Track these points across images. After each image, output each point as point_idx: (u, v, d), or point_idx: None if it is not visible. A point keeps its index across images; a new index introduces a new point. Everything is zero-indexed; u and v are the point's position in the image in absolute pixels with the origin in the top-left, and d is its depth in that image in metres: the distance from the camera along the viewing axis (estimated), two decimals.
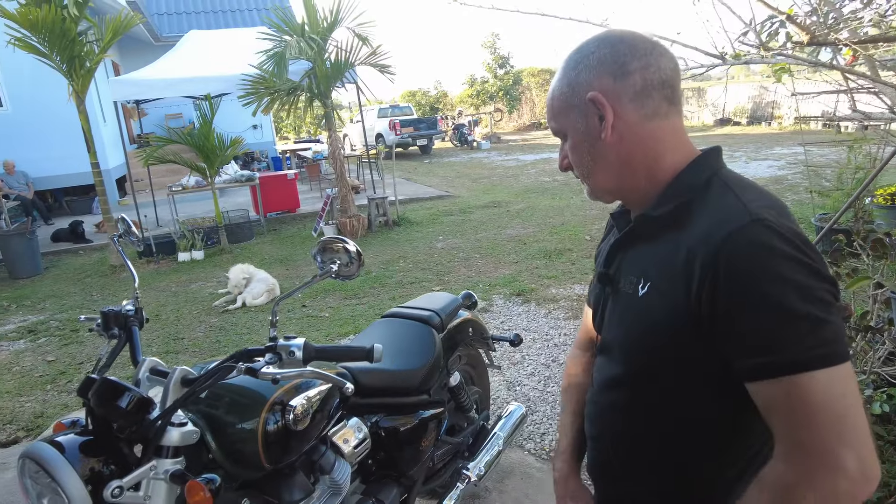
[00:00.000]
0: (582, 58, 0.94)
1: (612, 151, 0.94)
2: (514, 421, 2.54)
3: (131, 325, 1.49)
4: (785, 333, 0.76)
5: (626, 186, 0.98)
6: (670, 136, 0.94)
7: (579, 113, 0.94)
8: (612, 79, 0.91)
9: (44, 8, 6.15)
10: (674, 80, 0.92)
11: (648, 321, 0.91)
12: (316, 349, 1.20)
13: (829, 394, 0.75)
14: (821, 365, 0.75)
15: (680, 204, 0.90)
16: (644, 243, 0.96)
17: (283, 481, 1.47)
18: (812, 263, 0.78)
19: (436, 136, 20.17)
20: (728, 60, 2.85)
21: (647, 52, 0.91)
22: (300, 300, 5.51)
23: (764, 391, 0.79)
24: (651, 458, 0.99)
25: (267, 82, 7.38)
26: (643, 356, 0.94)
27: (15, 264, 7.35)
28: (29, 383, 4.25)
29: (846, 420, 0.75)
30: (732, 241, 0.80)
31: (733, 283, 0.79)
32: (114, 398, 1.15)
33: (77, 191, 11.58)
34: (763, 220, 0.80)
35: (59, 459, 1.07)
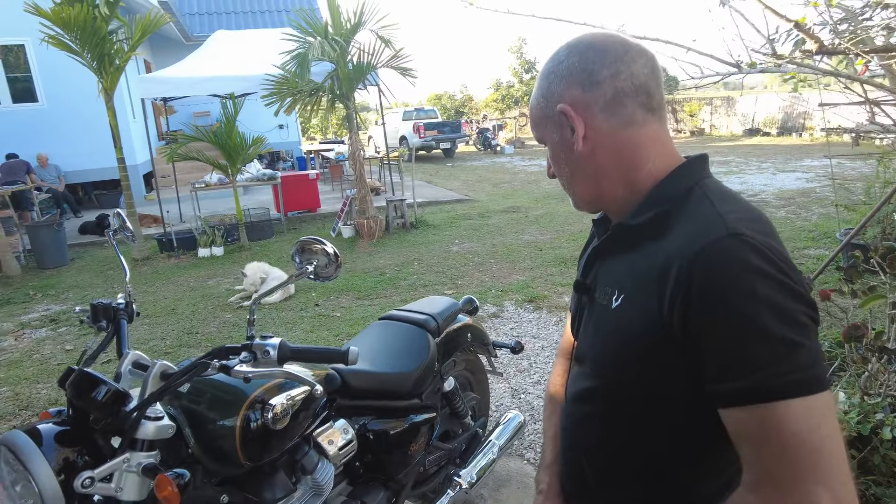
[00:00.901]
0: (553, 67, 0.92)
1: (587, 162, 0.92)
2: (512, 429, 2.51)
3: (120, 318, 1.51)
4: (759, 357, 0.72)
5: (604, 197, 0.95)
6: (648, 144, 0.90)
7: (554, 124, 0.93)
8: (581, 89, 0.88)
9: (76, 7, 6.33)
10: (649, 86, 0.88)
11: (621, 334, 0.88)
12: (291, 349, 1.20)
13: (806, 425, 0.70)
14: (797, 393, 0.70)
15: (658, 213, 0.86)
16: (621, 253, 0.93)
17: (263, 479, 1.47)
18: (790, 283, 0.74)
19: (459, 140, 20.22)
20: (744, 69, 2.79)
21: (617, 58, 0.87)
22: (313, 299, 5.55)
23: (735, 417, 0.75)
24: (623, 471, 0.96)
25: (289, 83, 7.46)
26: (615, 369, 0.91)
27: (43, 255, 7.55)
28: (46, 371, 4.36)
29: (822, 454, 0.70)
30: (706, 255, 0.76)
31: (706, 300, 0.75)
32: (89, 390, 1.16)
33: (106, 185, 11.86)
34: (740, 234, 0.76)
35: (32, 448, 1.09)
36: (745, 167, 12.72)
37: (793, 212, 8.00)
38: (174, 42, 14.31)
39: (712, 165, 0.99)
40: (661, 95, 0.91)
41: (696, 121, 22.92)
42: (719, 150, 16.63)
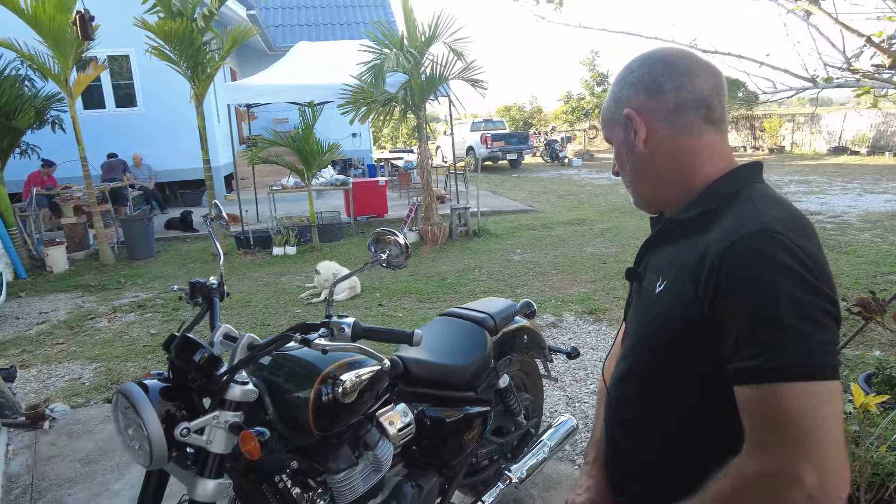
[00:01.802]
0: (626, 75, 1.02)
1: (646, 163, 1.01)
2: (564, 432, 2.56)
3: (213, 296, 1.70)
4: (768, 341, 0.79)
5: (661, 196, 1.04)
6: (704, 151, 0.98)
7: (620, 126, 1.03)
8: (647, 96, 0.98)
9: (177, 21, 6.89)
10: (710, 100, 0.97)
11: (661, 317, 0.97)
12: (364, 328, 1.34)
13: (802, 406, 0.77)
14: (798, 377, 0.77)
15: (707, 210, 0.94)
16: (670, 244, 1.01)
17: (329, 450, 1.62)
18: (811, 280, 0.80)
19: (526, 151, 20.22)
20: (819, 83, 2.75)
21: (683, 72, 0.96)
22: (377, 299, 5.76)
23: (743, 395, 0.83)
24: (656, 449, 1.03)
25: (365, 93, 7.77)
26: (651, 349, 1.00)
27: (134, 246, 8.19)
28: (134, 351, 4.76)
29: (812, 435, 0.76)
30: (737, 247, 0.84)
31: (731, 287, 0.83)
32: (190, 353, 1.34)
33: (190, 184, 12.68)
34: (770, 230, 0.83)
35: (143, 398, 1.27)
36: (827, 187, 12.07)
37: (879, 235, 7.55)
38: (258, 52, 15.15)
39: (791, 185, 1.06)
40: (723, 110, 0.99)
41: (777, 138, 21.89)
42: (800, 169, 15.85)
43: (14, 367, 4.12)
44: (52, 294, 6.62)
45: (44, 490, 2.88)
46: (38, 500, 2.80)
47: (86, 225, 8.63)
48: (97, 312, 5.86)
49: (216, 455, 1.34)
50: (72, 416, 3.64)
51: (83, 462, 3.11)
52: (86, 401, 3.90)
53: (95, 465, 3.09)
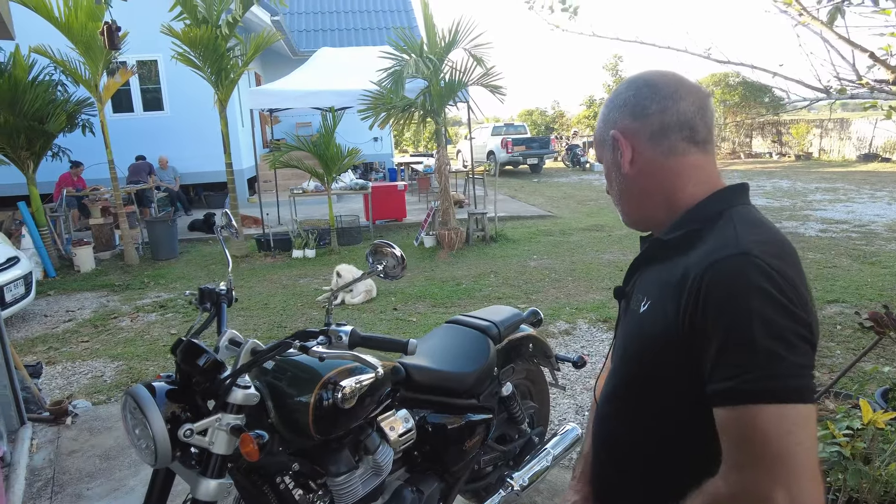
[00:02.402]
0: (614, 97, 1.06)
1: (632, 183, 1.04)
2: (569, 441, 2.57)
3: (221, 301, 1.76)
4: (742, 363, 0.81)
5: (646, 216, 1.07)
6: (689, 172, 1.00)
7: (608, 146, 1.06)
8: (632, 119, 1.01)
9: (202, 27, 7.06)
10: (694, 122, 0.99)
11: (644, 336, 0.99)
12: (361, 336, 1.38)
13: (776, 429, 0.78)
14: (771, 400, 0.79)
15: (689, 231, 0.96)
16: (656, 265, 1.03)
17: (330, 454, 1.66)
18: (785, 303, 0.82)
19: (547, 156, 20.16)
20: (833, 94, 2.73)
21: (667, 95, 0.99)
22: (393, 303, 5.82)
23: (719, 416, 0.84)
24: (639, 467, 1.05)
25: (384, 99, 7.86)
26: (636, 368, 1.02)
27: (157, 247, 8.39)
28: (154, 350, 4.88)
29: (786, 459, 0.77)
30: (715, 268, 0.86)
31: (708, 307, 0.85)
32: (194, 357, 1.40)
33: (214, 187, 12.93)
34: (748, 253, 0.85)
35: (150, 399, 1.33)
36: (854, 195, 11.82)
37: None
38: (283, 57, 15.38)
39: (817, 193, 1.06)
40: (708, 131, 1.01)
41: (804, 144, 21.47)
42: (827, 176, 15.53)
43: (40, 363, 4.27)
44: (78, 293, 6.82)
45: (64, 484, 2.98)
46: (58, 494, 2.91)
47: (112, 226, 8.87)
48: (121, 312, 6.03)
49: (218, 456, 1.40)
50: (93, 413, 3.76)
51: (102, 458, 3.22)
52: (107, 398, 4.03)
53: (113, 461, 3.19)
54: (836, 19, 2.48)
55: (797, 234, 8.33)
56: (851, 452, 2.11)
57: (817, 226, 8.88)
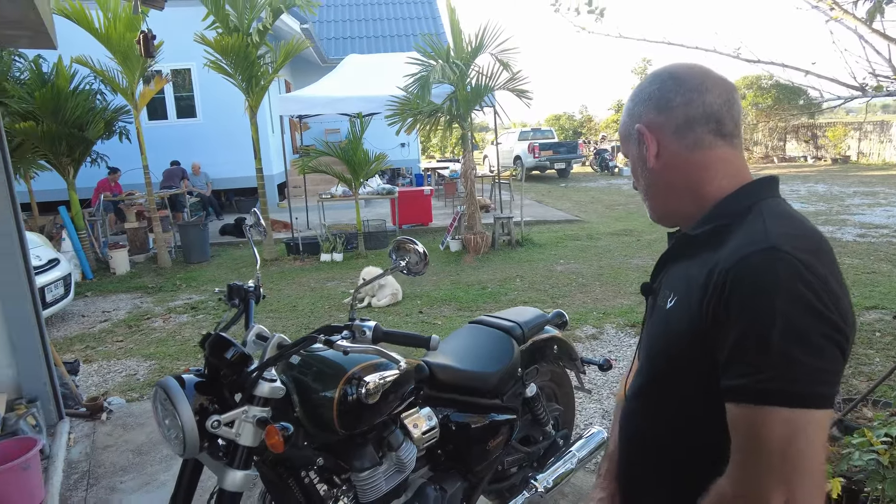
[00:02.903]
0: (638, 92, 1.04)
1: (658, 178, 1.03)
2: (594, 444, 2.54)
3: (249, 298, 1.80)
4: (758, 363, 0.79)
5: (675, 210, 1.05)
6: (716, 165, 0.98)
7: (633, 141, 1.05)
8: (657, 112, 1.00)
9: (234, 36, 7.22)
10: (720, 114, 0.97)
11: (669, 332, 0.97)
12: (384, 332, 1.40)
13: (783, 433, 0.77)
14: (782, 403, 0.77)
15: (718, 226, 0.94)
16: (683, 260, 1.02)
17: (354, 449, 1.68)
18: (813, 301, 0.78)
19: (575, 161, 20.02)
20: (869, 92, 2.66)
21: (692, 88, 0.97)
22: (418, 306, 5.84)
23: (729, 412, 0.83)
24: (664, 465, 1.04)
25: (411, 104, 7.92)
26: (663, 364, 1.00)
27: (190, 250, 8.58)
28: (185, 350, 4.99)
29: (789, 461, 0.77)
30: (742, 263, 0.84)
31: (733, 302, 0.83)
32: (222, 351, 1.44)
33: (245, 192, 13.18)
34: (777, 248, 0.82)
35: (179, 391, 1.37)
36: (895, 199, 11.44)
37: None
38: (312, 64, 15.63)
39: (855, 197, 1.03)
40: (735, 124, 0.99)
41: (841, 147, 20.88)
42: (865, 179, 15.07)
43: (78, 361, 4.41)
44: (114, 294, 7.02)
45: (99, 476, 3.07)
46: (93, 486, 2.99)
47: (146, 229, 9.12)
48: (154, 313, 6.18)
49: (244, 447, 1.43)
50: (127, 410, 3.86)
51: (135, 453, 3.30)
52: (139, 395, 4.13)
53: (146, 456, 3.26)
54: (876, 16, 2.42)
55: (834, 238, 8.09)
56: (890, 461, 2.05)
57: (855, 230, 8.62)
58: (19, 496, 2.69)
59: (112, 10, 7.08)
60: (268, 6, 7.55)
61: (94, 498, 2.91)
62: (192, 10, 7.98)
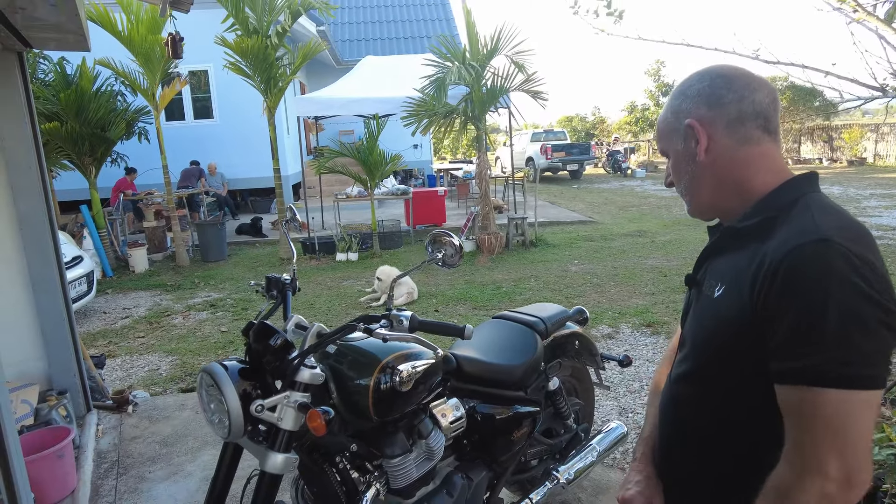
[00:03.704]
0: (685, 89, 1.08)
1: (706, 171, 1.06)
2: (613, 438, 2.59)
3: (287, 289, 1.87)
4: (812, 346, 0.83)
5: (719, 203, 1.08)
6: (762, 160, 1.03)
7: (680, 136, 1.08)
8: (708, 108, 1.03)
9: (253, 38, 7.33)
10: (768, 112, 1.02)
11: (718, 319, 1.01)
12: (420, 321, 1.46)
13: (836, 412, 0.81)
14: (835, 385, 0.81)
15: (765, 219, 0.98)
16: (729, 252, 1.05)
17: (386, 436, 1.74)
18: (866, 288, 0.82)
19: (587, 162, 20.01)
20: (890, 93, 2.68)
21: (743, 86, 1.02)
22: (434, 305, 5.90)
23: (783, 394, 0.88)
24: (710, 450, 1.07)
25: (427, 105, 7.99)
26: (711, 352, 1.04)
27: (207, 249, 8.70)
28: (206, 346, 5.08)
29: (840, 434, 0.81)
30: (795, 253, 0.87)
31: (785, 290, 0.87)
32: (266, 338, 1.50)
33: (260, 192, 13.32)
34: (829, 239, 0.86)
35: (225, 376, 1.44)
36: None
37: None
38: (326, 66, 15.76)
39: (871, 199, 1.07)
40: (777, 121, 1.04)
41: (857, 149, 20.69)
42: (882, 181, 14.94)
43: (103, 355, 4.51)
44: (134, 292, 7.15)
45: (128, 466, 3.16)
46: (122, 475, 3.08)
47: (164, 229, 9.25)
48: (173, 310, 6.29)
49: (285, 431, 1.49)
50: (151, 403, 3.95)
51: (161, 444, 3.38)
52: (163, 389, 4.22)
53: (172, 447, 3.35)
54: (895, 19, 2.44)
55: None
56: None
57: (873, 233, 8.55)
58: (53, 482, 2.78)
59: (135, 12, 7.22)
60: (287, 8, 7.66)
61: (125, 486, 2.99)
62: (209, 12, 8.12)
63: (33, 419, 3.15)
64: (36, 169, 3.30)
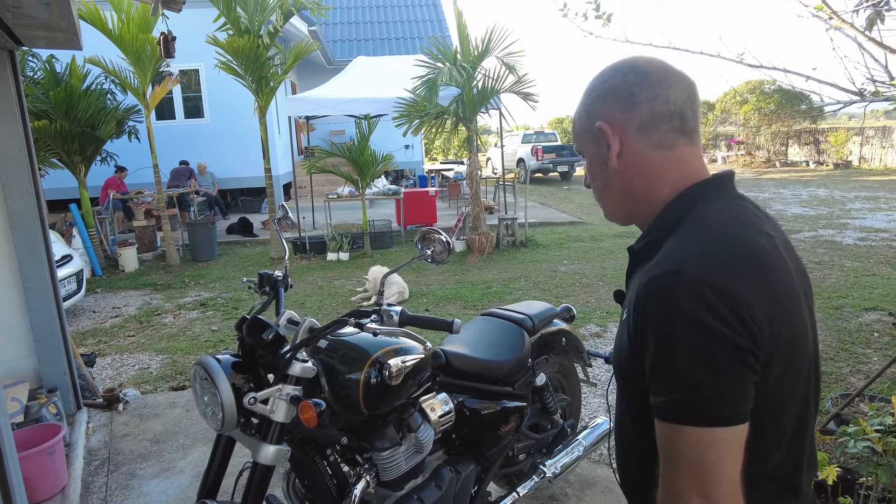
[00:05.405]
0: (597, 85, 0.99)
1: (616, 178, 0.99)
2: (599, 434, 2.64)
3: (279, 286, 1.90)
4: (667, 385, 0.82)
5: (629, 212, 1.03)
6: (672, 165, 0.96)
7: (592, 138, 0.99)
8: (620, 109, 0.94)
9: (245, 37, 7.34)
10: (684, 111, 0.94)
11: (621, 342, 0.96)
12: (410, 316, 1.50)
13: (692, 448, 0.80)
14: (689, 423, 0.80)
15: (653, 240, 0.95)
16: (636, 271, 1.00)
17: (376, 430, 1.78)
18: (713, 325, 0.78)
19: (578, 164, 20.11)
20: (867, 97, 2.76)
21: (657, 82, 0.93)
22: (424, 304, 5.94)
23: (656, 427, 0.86)
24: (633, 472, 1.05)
25: (418, 106, 8.03)
26: (619, 375, 1.01)
27: (197, 249, 8.68)
28: (196, 345, 5.09)
29: (700, 472, 0.80)
30: (649, 287, 0.85)
31: (646, 325, 0.85)
32: (259, 332, 1.54)
33: (250, 192, 13.30)
34: (678, 272, 0.82)
35: (219, 369, 1.47)
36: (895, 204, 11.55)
37: None
38: (318, 66, 15.75)
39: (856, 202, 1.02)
40: (696, 120, 0.96)
41: (843, 152, 20.97)
42: (867, 184, 15.16)
43: (94, 353, 4.51)
44: (124, 291, 7.13)
45: (119, 464, 3.17)
46: (113, 472, 3.09)
47: (154, 228, 9.22)
48: (164, 309, 6.28)
49: (277, 423, 1.53)
50: (142, 401, 3.96)
51: (152, 441, 3.40)
52: (153, 388, 4.23)
53: (162, 444, 3.36)
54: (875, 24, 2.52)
55: (834, 242, 8.19)
56: (883, 448, 2.14)
57: (856, 234, 8.71)
58: (44, 480, 2.79)
59: (126, 11, 7.21)
60: (278, 8, 7.67)
61: (115, 483, 3.01)
62: (200, 11, 8.11)
63: (23, 417, 3.16)
64: (27, 167, 3.30)
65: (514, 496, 2.27)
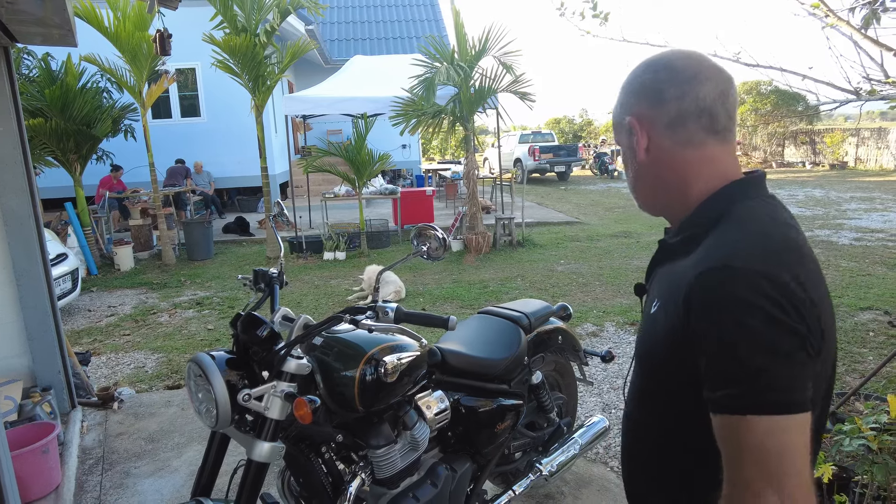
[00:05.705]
0: (632, 80, 1.00)
1: (647, 171, 1.01)
2: (595, 432, 2.64)
3: (274, 283, 1.89)
4: (731, 376, 0.81)
5: (660, 205, 1.04)
6: (704, 164, 0.96)
7: (624, 131, 1.02)
8: (649, 105, 0.96)
9: (241, 36, 7.32)
10: (714, 108, 0.93)
11: (656, 335, 0.96)
12: (405, 312, 1.50)
13: (764, 439, 0.78)
14: (759, 412, 0.78)
15: (690, 235, 0.95)
16: (666, 265, 1.02)
17: (371, 427, 1.77)
18: (773, 312, 0.79)
19: (575, 164, 20.15)
20: (863, 96, 2.76)
21: (687, 79, 0.93)
22: (421, 303, 5.93)
23: (714, 423, 0.85)
24: (657, 469, 1.04)
25: (415, 105, 8.02)
26: (649, 368, 1.00)
27: (193, 248, 8.66)
28: (192, 344, 5.07)
29: (772, 463, 0.78)
30: (701, 280, 0.85)
31: (699, 320, 0.84)
32: (254, 328, 1.53)
33: (247, 191, 13.27)
34: (731, 266, 0.83)
35: (213, 365, 1.46)
36: (891, 204, 11.58)
37: None
38: (315, 65, 15.74)
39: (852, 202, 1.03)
40: (729, 118, 0.95)
41: (839, 153, 21.05)
42: (863, 185, 15.21)
43: (89, 352, 4.49)
44: (119, 290, 7.10)
45: (114, 462, 3.16)
46: (108, 471, 3.08)
47: (150, 227, 9.19)
48: (159, 308, 6.26)
49: (272, 420, 1.52)
50: (137, 400, 3.94)
51: (147, 440, 3.38)
52: (149, 387, 4.21)
53: (158, 443, 3.35)
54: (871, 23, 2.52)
55: (830, 242, 8.22)
56: (879, 446, 2.14)
57: (851, 234, 8.74)
58: (38, 478, 2.77)
59: (122, 9, 7.18)
60: (275, 7, 7.65)
61: (110, 482, 2.99)
62: (197, 9, 8.09)
63: (17, 415, 3.14)
64: (21, 165, 3.28)
65: (510, 494, 2.27)
